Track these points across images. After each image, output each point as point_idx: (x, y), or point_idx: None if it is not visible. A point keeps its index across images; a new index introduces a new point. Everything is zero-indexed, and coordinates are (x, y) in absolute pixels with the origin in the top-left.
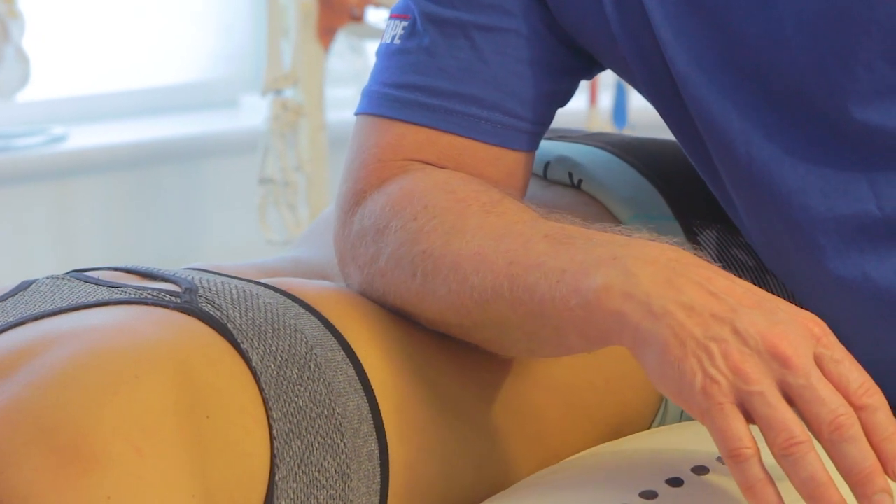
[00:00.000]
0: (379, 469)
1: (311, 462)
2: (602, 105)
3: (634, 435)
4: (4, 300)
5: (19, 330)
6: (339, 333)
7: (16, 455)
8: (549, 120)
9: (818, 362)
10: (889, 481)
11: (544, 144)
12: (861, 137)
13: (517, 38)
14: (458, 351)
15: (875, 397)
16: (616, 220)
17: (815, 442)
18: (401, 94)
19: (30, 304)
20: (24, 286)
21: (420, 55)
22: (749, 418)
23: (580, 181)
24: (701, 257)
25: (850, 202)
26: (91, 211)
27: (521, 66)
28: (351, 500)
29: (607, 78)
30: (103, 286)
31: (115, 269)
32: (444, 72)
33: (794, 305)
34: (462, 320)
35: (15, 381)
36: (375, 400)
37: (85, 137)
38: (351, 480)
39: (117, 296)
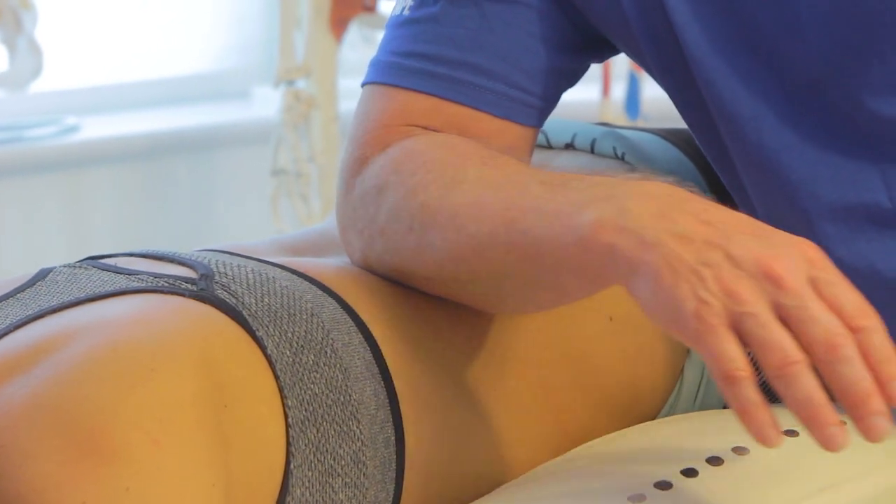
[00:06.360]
0: (395, 456)
1: (327, 450)
2: (615, 96)
3: (648, 423)
4: (23, 290)
5: (38, 323)
6: (357, 315)
7: (35, 449)
8: (555, 98)
9: (813, 285)
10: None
11: (591, 126)
12: (874, 128)
13: (527, 11)
14: (476, 329)
15: (871, 319)
16: None
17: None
18: (407, 63)
19: (48, 296)
20: (42, 275)
21: (428, 24)
22: (743, 342)
23: (623, 154)
24: (698, 194)
25: (859, 192)
26: (103, 202)
27: (530, 40)
28: (366, 488)
29: (620, 69)
30: (120, 273)
31: (132, 255)
32: (451, 40)
33: (791, 235)
34: (459, 272)
35: (34, 375)
36: (392, 384)
37: (97, 128)
38: (366, 468)
39: (134, 284)
